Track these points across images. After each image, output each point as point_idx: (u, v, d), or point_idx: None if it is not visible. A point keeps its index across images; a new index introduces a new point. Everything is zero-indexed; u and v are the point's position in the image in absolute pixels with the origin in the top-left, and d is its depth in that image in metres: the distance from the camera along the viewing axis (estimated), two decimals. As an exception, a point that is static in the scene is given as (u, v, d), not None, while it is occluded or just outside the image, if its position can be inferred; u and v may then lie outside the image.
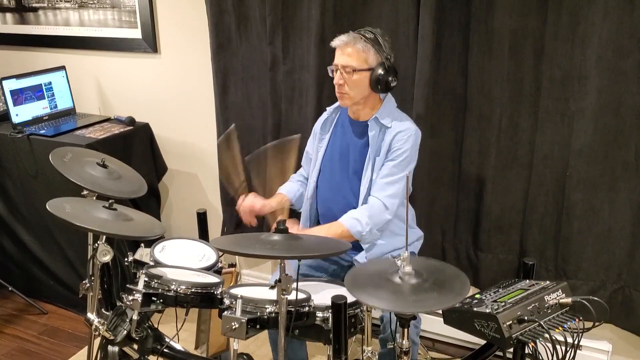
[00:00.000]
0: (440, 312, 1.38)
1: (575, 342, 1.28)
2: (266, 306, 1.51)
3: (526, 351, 1.34)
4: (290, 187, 2.22)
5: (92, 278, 1.76)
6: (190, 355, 1.83)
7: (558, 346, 1.26)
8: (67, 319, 2.87)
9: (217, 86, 2.60)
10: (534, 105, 2.09)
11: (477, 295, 1.40)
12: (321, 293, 1.69)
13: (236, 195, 2.15)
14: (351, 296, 1.35)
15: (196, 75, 2.76)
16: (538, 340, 1.29)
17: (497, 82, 2.10)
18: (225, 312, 1.52)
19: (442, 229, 2.38)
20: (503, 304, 1.30)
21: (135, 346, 1.74)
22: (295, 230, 1.87)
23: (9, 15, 3.18)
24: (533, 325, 1.27)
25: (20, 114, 2.78)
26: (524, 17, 2.02)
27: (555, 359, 1.27)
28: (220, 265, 1.89)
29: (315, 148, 2.13)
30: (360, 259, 1.98)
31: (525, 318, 1.27)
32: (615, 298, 2.13)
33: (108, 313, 1.76)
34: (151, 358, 1.80)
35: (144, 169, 2.73)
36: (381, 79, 1.89)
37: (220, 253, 1.90)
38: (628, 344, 2.23)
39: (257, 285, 1.73)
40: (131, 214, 1.78)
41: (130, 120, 2.84)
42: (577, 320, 1.33)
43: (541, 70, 2.05)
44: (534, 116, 2.10)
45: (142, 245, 1.90)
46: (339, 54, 1.91)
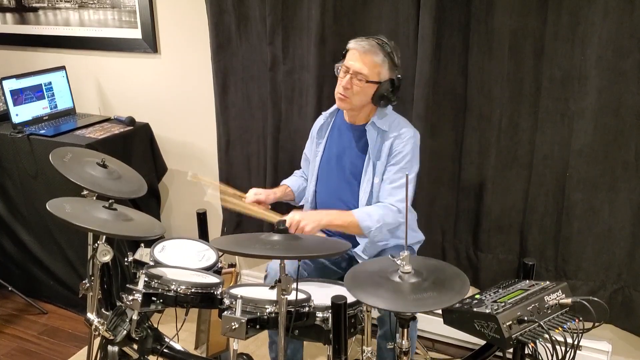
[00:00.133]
0: (440, 312, 1.38)
1: (575, 343, 1.28)
2: (266, 306, 1.51)
3: (526, 351, 1.34)
4: (294, 181, 2.23)
5: (92, 278, 1.76)
6: (190, 355, 1.83)
7: (558, 346, 1.26)
8: (67, 319, 2.86)
9: (217, 86, 2.60)
10: (534, 105, 2.09)
11: (477, 296, 1.40)
12: (321, 293, 1.69)
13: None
14: (351, 296, 1.35)
15: (196, 75, 2.76)
16: (538, 341, 1.29)
17: (497, 82, 2.10)
18: (225, 312, 1.52)
19: (442, 229, 2.38)
20: (503, 304, 1.30)
21: (135, 346, 1.74)
22: (301, 214, 1.85)
23: (9, 15, 3.18)
24: (533, 325, 1.27)
25: (20, 114, 2.78)
26: (524, 17, 2.02)
27: (555, 359, 1.27)
28: (220, 265, 1.89)
29: (313, 153, 2.13)
30: (359, 251, 1.98)
31: (525, 318, 1.27)
32: (615, 298, 2.13)
33: (108, 313, 1.76)
34: (151, 358, 1.80)
35: (144, 169, 2.73)
36: (385, 95, 1.90)
37: (220, 253, 1.90)
38: (628, 344, 2.23)
39: (257, 285, 1.73)
40: (131, 214, 1.78)
41: (130, 120, 2.83)
42: (577, 320, 1.33)
43: (541, 70, 2.05)
44: (534, 116, 2.10)
45: (142, 245, 1.90)
46: (355, 59, 1.87)
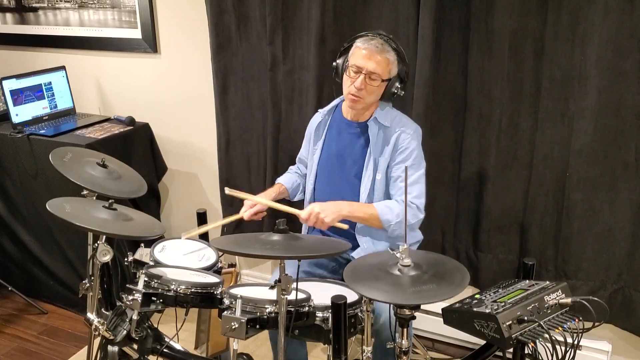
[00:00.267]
0: (440, 312, 1.38)
1: (575, 343, 1.28)
2: (266, 306, 1.51)
3: (526, 351, 1.34)
4: (289, 178, 2.22)
5: (92, 278, 1.77)
6: (190, 355, 1.83)
7: (558, 346, 1.26)
8: (67, 319, 2.86)
9: (217, 86, 2.60)
10: (534, 105, 2.09)
11: (477, 296, 1.40)
12: (321, 293, 1.69)
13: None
14: (351, 296, 1.35)
15: (196, 75, 2.76)
16: (538, 341, 1.28)
17: (497, 82, 2.10)
18: (225, 312, 1.52)
19: (442, 229, 2.38)
20: (503, 304, 1.30)
21: (135, 346, 1.74)
22: (320, 206, 1.84)
23: (9, 15, 3.18)
24: (533, 325, 1.27)
25: (20, 114, 2.78)
26: (524, 17, 2.02)
27: (555, 359, 1.27)
28: (220, 265, 1.89)
29: (310, 152, 2.12)
30: (357, 255, 1.98)
31: (525, 318, 1.27)
32: (615, 298, 2.13)
33: (108, 313, 1.76)
34: (151, 358, 1.80)
35: (144, 169, 2.73)
36: (395, 92, 1.91)
37: (220, 253, 1.90)
38: (628, 344, 2.23)
39: (257, 285, 1.73)
40: (131, 214, 1.78)
41: (130, 120, 2.83)
42: (577, 320, 1.33)
43: (541, 71, 2.05)
44: (534, 116, 2.10)
45: (142, 245, 1.90)
46: (368, 59, 1.84)
